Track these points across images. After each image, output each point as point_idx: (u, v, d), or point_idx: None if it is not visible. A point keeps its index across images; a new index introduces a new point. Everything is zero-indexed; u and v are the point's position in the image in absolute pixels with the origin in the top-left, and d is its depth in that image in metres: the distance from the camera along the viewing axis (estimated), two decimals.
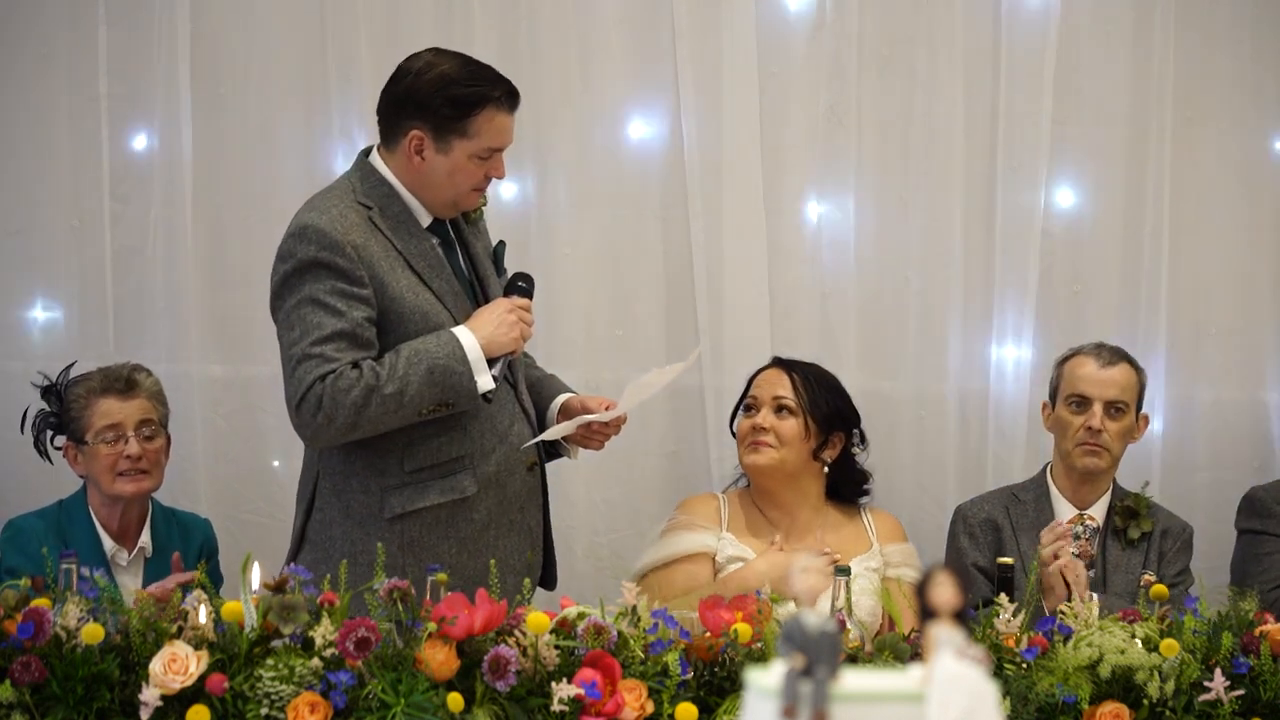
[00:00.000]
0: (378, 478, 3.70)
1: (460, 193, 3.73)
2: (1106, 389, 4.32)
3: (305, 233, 3.64)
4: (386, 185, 3.73)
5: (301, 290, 3.62)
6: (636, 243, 4.86)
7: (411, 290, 3.68)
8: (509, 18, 4.79)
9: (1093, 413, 4.30)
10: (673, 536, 4.14)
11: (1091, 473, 4.33)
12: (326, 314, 3.59)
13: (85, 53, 4.74)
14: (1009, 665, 3.24)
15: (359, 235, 3.65)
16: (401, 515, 3.70)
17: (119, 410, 4.02)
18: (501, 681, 2.99)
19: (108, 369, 4.10)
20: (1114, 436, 4.32)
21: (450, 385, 3.62)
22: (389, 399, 3.57)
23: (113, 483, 4.00)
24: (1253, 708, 3.32)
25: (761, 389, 4.23)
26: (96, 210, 4.76)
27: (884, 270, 4.94)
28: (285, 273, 3.65)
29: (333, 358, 3.57)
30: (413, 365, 3.60)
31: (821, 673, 1.79)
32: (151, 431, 4.05)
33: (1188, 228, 4.98)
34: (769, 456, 4.15)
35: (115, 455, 3.99)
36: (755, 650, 3.14)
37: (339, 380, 3.55)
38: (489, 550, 3.73)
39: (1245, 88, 5.00)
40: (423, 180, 3.71)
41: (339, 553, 3.67)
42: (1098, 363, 4.35)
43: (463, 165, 3.69)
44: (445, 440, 3.71)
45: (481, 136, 3.67)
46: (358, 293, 3.62)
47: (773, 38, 4.88)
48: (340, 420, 3.56)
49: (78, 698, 2.95)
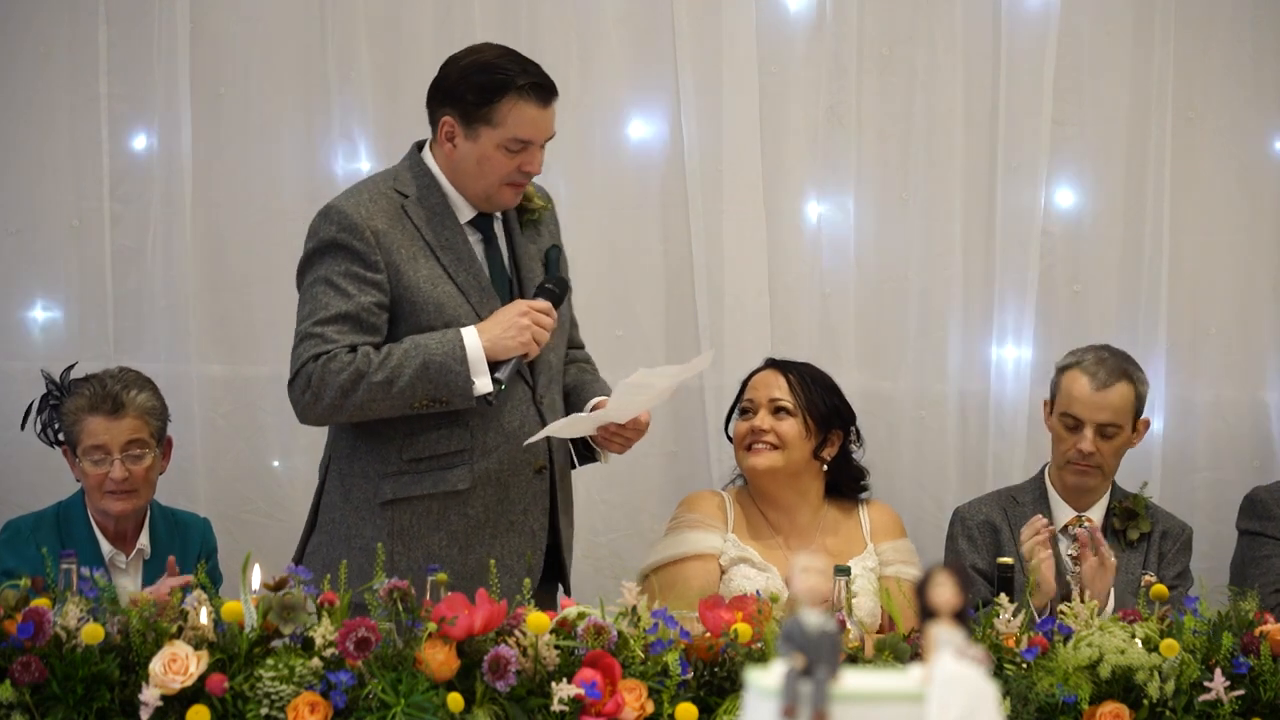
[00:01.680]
0: (378, 464, 3.75)
1: (491, 184, 3.74)
2: (1098, 413, 4.27)
3: (329, 213, 3.73)
4: (429, 176, 3.79)
5: (318, 269, 3.70)
6: (636, 243, 4.86)
7: (430, 281, 3.71)
8: (509, 18, 4.79)
9: (1084, 436, 4.27)
10: (681, 534, 4.13)
11: (1082, 490, 4.33)
12: (335, 295, 3.66)
13: (85, 53, 4.74)
14: (1009, 665, 3.24)
15: (382, 221, 3.71)
16: (392, 501, 3.73)
17: (104, 431, 3.96)
18: (501, 681, 2.99)
19: (100, 382, 4.02)
20: (1107, 455, 4.30)
21: (444, 383, 3.64)
22: (376, 387, 3.61)
23: (100, 499, 3.99)
24: (1253, 708, 3.32)
25: (757, 391, 4.21)
26: (96, 210, 4.76)
27: (884, 270, 4.94)
28: (308, 251, 3.75)
29: (331, 338, 3.64)
30: (408, 357, 3.63)
31: (821, 673, 1.79)
32: (140, 452, 3.99)
33: (1188, 228, 4.98)
34: (769, 459, 4.14)
35: (100, 476, 3.96)
36: (755, 650, 3.14)
37: (331, 362, 3.62)
38: (483, 547, 3.74)
39: (1245, 88, 5.00)
40: (456, 169, 3.76)
41: (339, 537, 3.77)
42: (1093, 384, 4.27)
43: (490, 155, 3.71)
44: (445, 433, 3.73)
45: (507, 125, 3.69)
46: (370, 277, 3.68)
47: (773, 38, 4.88)
48: (326, 400, 3.64)
49: (78, 698, 2.94)
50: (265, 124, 4.78)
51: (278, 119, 4.79)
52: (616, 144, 4.86)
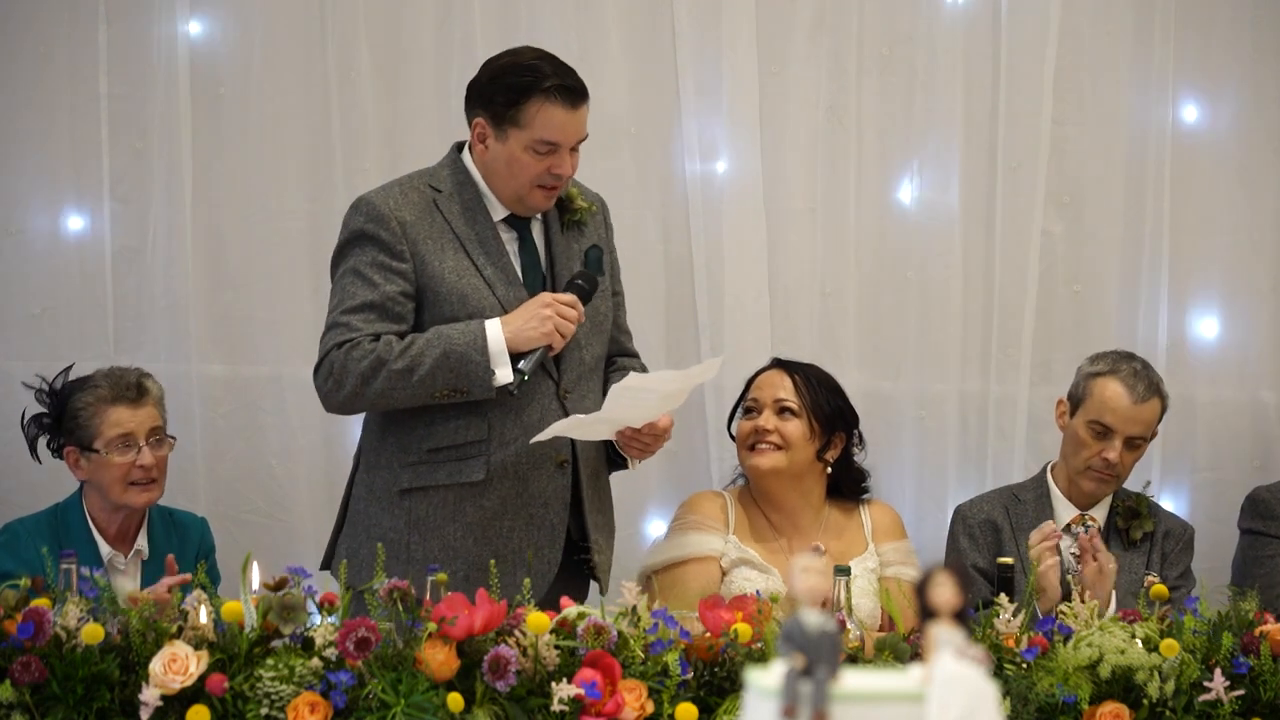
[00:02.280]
0: (400, 454, 3.79)
1: (521, 186, 3.77)
2: (1132, 426, 4.26)
3: (359, 205, 3.80)
4: (465, 174, 3.83)
5: (348, 260, 3.76)
6: (636, 243, 4.86)
7: (455, 272, 3.74)
8: (509, 18, 4.79)
9: (1112, 445, 4.26)
10: (683, 535, 4.12)
11: (1097, 496, 4.33)
12: (362, 284, 3.71)
13: (85, 53, 4.74)
14: (1009, 665, 3.24)
15: (410, 213, 3.76)
16: (410, 490, 3.76)
17: (130, 419, 3.97)
18: (501, 681, 2.99)
19: (114, 375, 4.03)
20: (1128, 465, 4.31)
21: (465, 373, 3.65)
22: (397, 374, 3.64)
23: (123, 493, 3.97)
24: (1253, 708, 3.32)
25: (762, 390, 4.20)
26: (96, 210, 4.76)
27: (884, 270, 4.94)
28: (340, 243, 3.82)
29: (356, 327, 3.68)
30: (430, 346, 3.66)
31: (821, 673, 1.79)
32: (160, 439, 4.02)
33: (1188, 228, 4.98)
34: (773, 459, 4.13)
35: (128, 465, 3.95)
36: (755, 650, 3.14)
37: (354, 350, 3.67)
38: (500, 540, 3.76)
39: (1245, 87, 5.00)
40: (489, 170, 3.80)
41: (363, 528, 3.81)
42: (1131, 397, 4.25)
43: (518, 156, 3.73)
44: (463, 424, 3.75)
45: (533, 127, 3.71)
46: (396, 266, 3.72)
47: (773, 38, 4.88)
48: (348, 388, 3.68)
49: (78, 698, 2.94)
50: (265, 124, 4.78)
51: (278, 119, 4.79)
52: (617, 144, 4.85)
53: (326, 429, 4.69)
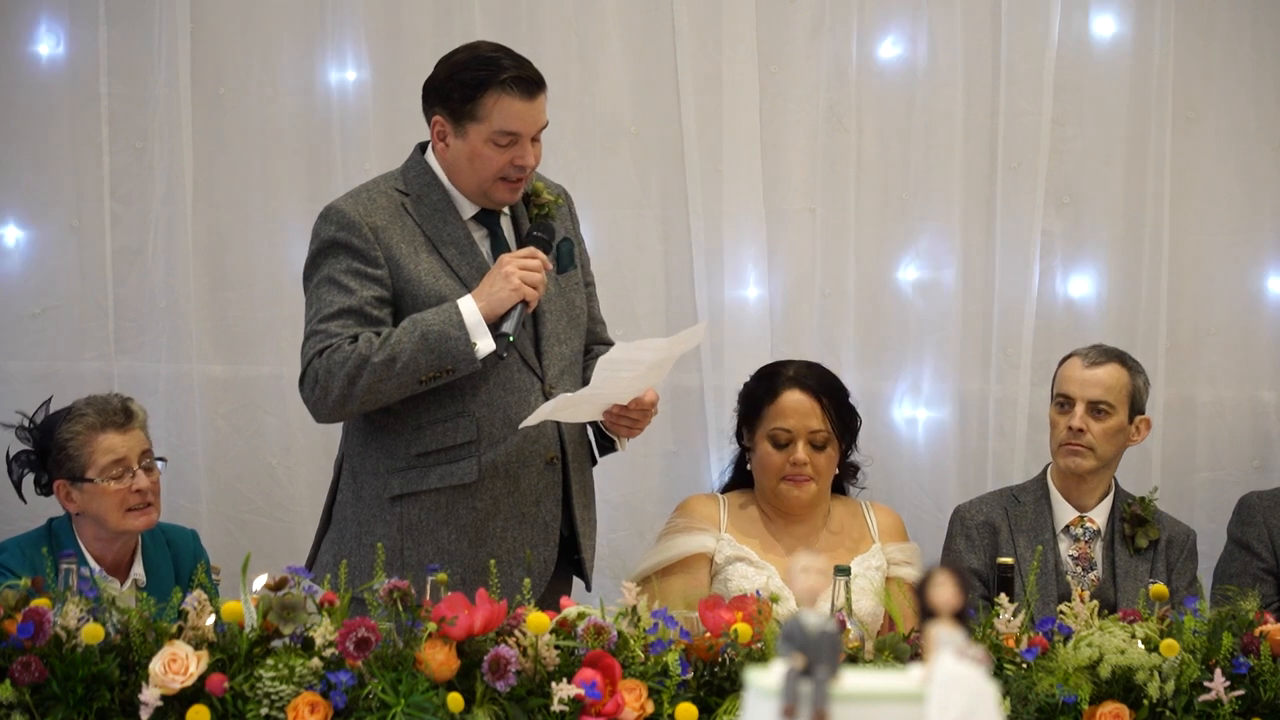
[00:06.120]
0: (387, 459, 3.77)
1: (485, 180, 3.75)
2: (1089, 389, 4.29)
3: (329, 214, 3.78)
4: (430, 175, 3.81)
5: (322, 270, 3.74)
6: (636, 242, 4.86)
7: (431, 274, 3.73)
8: (509, 18, 4.79)
9: (1074, 413, 4.28)
10: (669, 540, 4.11)
11: (1075, 473, 4.32)
12: (338, 292, 3.70)
13: (85, 53, 4.74)
14: (1009, 665, 3.24)
15: (381, 218, 3.74)
16: (401, 496, 3.75)
17: (122, 444, 3.91)
18: (501, 681, 2.99)
19: (97, 402, 3.96)
20: (1098, 437, 4.29)
21: (446, 350, 3.64)
22: (379, 367, 3.62)
23: (122, 519, 3.90)
24: (1253, 708, 3.32)
25: (792, 420, 4.11)
26: (96, 210, 4.76)
27: (884, 270, 4.94)
28: (311, 253, 3.80)
29: (334, 333, 3.66)
30: (407, 334, 3.64)
31: (821, 673, 1.79)
32: (150, 462, 3.96)
33: (1188, 228, 4.98)
34: (810, 491, 4.11)
35: (124, 490, 3.88)
36: (755, 650, 3.14)
37: (334, 354, 3.64)
38: (493, 540, 3.75)
39: (1245, 88, 4.99)
40: (451, 168, 3.78)
41: (351, 535, 3.79)
42: (1084, 362, 4.33)
43: (480, 150, 3.72)
44: (451, 426, 3.74)
45: (492, 120, 3.70)
46: (371, 272, 3.71)
47: (773, 38, 4.88)
48: (335, 393, 3.65)
49: (78, 698, 2.95)
50: (265, 124, 4.78)
51: (277, 119, 4.79)
52: (616, 143, 4.85)
53: (327, 429, 4.67)
